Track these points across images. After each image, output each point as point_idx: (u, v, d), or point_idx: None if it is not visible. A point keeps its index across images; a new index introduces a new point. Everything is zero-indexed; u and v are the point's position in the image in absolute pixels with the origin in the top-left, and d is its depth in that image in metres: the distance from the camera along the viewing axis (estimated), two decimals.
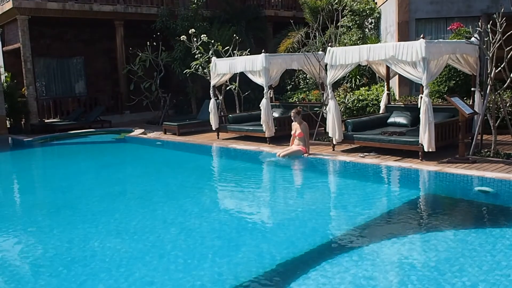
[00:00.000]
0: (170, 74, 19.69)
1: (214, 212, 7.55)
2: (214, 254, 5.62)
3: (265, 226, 6.78)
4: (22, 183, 11.25)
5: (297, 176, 9.92)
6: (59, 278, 5.18)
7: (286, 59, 12.64)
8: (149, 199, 8.36)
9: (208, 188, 9.16)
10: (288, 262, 5.19)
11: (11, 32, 19.04)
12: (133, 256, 5.70)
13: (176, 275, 5.05)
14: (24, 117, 18.22)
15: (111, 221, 7.20)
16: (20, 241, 6.71)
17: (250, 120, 13.40)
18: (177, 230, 6.61)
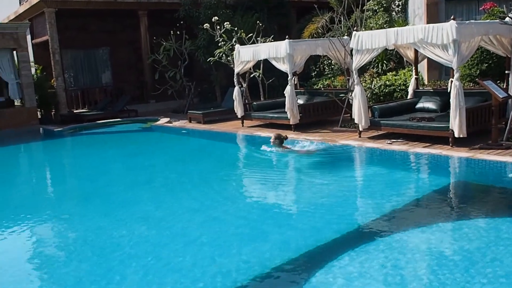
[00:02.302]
0: (194, 62, 19.70)
1: (240, 200, 7.56)
2: (240, 241, 5.63)
3: (290, 214, 6.76)
4: (54, 171, 11.50)
5: (322, 163, 9.84)
6: (89, 263, 5.28)
7: (310, 45, 12.51)
8: (175, 187, 8.42)
9: (233, 176, 9.17)
10: (314, 250, 5.16)
11: (39, 25, 19.32)
12: (160, 243, 5.76)
13: (203, 262, 5.07)
14: (53, 108, 18.54)
15: (138, 209, 7.28)
16: (53, 228, 6.87)
17: (275, 108, 13.34)
18: (203, 217, 6.63)
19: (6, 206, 8.23)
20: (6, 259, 5.60)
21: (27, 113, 17.42)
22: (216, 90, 19.55)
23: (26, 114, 17.39)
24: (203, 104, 19.15)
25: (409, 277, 4.43)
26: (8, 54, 17.35)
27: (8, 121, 16.89)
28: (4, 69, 17.23)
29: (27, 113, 17.42)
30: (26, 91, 17.38)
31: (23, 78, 17.34)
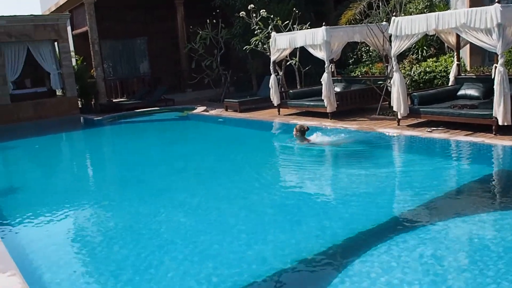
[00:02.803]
0: (230, 51, 19.73)
1: (276, 188, 7.55)
2: (276, 229, 5.63)
3: (327, 203, 6.71)
4: (94, 159, 11.78)
5: (360, 152, 9.71)
6: (128, 248, 5.37)
7: (347, 31, 12.32)
8: (212, 175, 8.48)
9: (269, 165, 9.15)
10: (351, 239, 5.11)
11: (79, 16, 19.70)
12: (198, 229, 5.82)
13: (239, 248, 5.10)
14: (93, 97, 18.93)
15: (176, 196, 7.37)
16: (93, 214, 7.02)
17: (311, 95, 13.23)
18: (239, 205, 6.66)
19: (49, 192, 8.49)
20: (49, 244, 5.77)
21: (68, 102, 17.86)
22: (252, 78, 19.54)
23: (67, 104, 17.83)
24: (239, 92, 19.17)
25: (449, 268, 4.33)
26: (50, 45, 17.77)
27: (51, 110, 17.36)
28: (46, 60, 17.66)
29: (68, 102, 17.86)
30: (67, 81, 17.79)
31: (64, 68, 17.75)
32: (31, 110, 17.08)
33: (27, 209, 7.26)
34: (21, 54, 17.17)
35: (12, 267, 4.30)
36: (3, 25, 16.49)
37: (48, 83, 18.50)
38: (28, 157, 12.36)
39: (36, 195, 8.22)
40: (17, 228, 6.36)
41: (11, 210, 7.20)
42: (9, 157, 12.63)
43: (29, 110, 17.04)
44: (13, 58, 17.05)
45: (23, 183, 9.23)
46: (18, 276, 4.11)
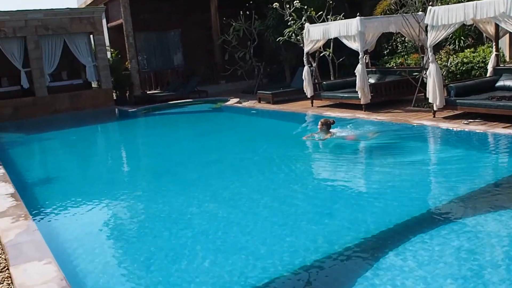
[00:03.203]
0: (264, 42, 19.69)
1: (308, 180, 7.52)
2: (308, 221, 5.61)
3: (360, 195, 6.64)
4: (128, 150, 11.98)
5: (394, 144, 9.58)
6: (162, 239, 5.45)
7: (382, 22, 12.12)
8: (244, 167, 8.50)
9: (302, 157, 9.11)
10: (384, 232, 5.05)
11: (114, 9, 19.96)
12: (229, 221, 5.84)
13: (270, 240, 5.10)
14: (128, 89, 19.20)
15: (208, 187, 7.42)
16: (127, 204, 7.14)
17: (345, 87, 13.10)
18: (272, 197, 6.66)
19: (85, 182, 8.67)
20: (84, 233, 5.89)
21: (104, 94, 18.17)
22: (286, 70, 19.47)
23: (102, 96, 18.14)
24: (272, 84, 19.14)
25: (485, 263, 4.23)
26: (85, 38, 18.09)
27: (86, 102, 17.70)
28: (81, 53, 17.98)
29: (103, 94, 18.17)
30: (102, 74, 18.09)
31: (99, 61, 18.04)
32: (67, 102, 17.45)
33: (63, 198, 7.44)
34: (57, 46, 17.54)
35: (48, 256, 4.41)
36: (41, 18, 16.86)
37: (84, 75, 18.85)
38: (64, 148, 12.64)
39: (72, 185, 8.41)
40: (53, 217, 6.52)
41: (47, 199, 7.38)
42: (46, 148, 12.95)
43: (65, 102, 17.41)
44: (50, 50, 17.44)
45: (59, 173, 9.45)
46: (54, 264, 4.21)
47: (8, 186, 7.14)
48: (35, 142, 13.59)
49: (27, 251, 4.57)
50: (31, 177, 9.10)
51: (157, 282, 4.41)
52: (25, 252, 4.55)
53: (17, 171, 9.19)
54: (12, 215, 5.71)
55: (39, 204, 7.05)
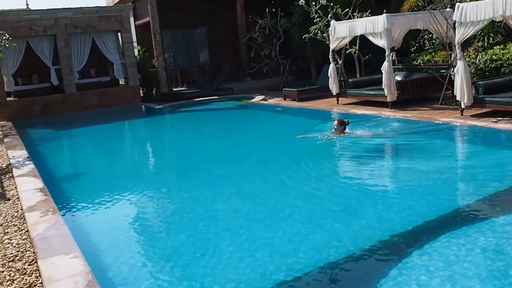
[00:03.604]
0: (289, 40, 19.64)
1: (333, 178, 7.49)
2: (333, 219, 5.60)
3: (385, 194, 6.58)
4: (155, 146, 12.11)
5: (421, 141, 9.47)
6: (186, 234, 5.51)
7: (409, 18, 11.97)
8: (269, 164, 8.51)
9: (327, 154, 9.08)
10: (410, 231, 5.00)
11: (141, 7, 20.16)
12: (253, 218, 5.87)
13: (294, 238, 5.11)
14: (154, 86, 19.38)
15: (233, 184, 7.46)
16: (153, 200, 7.23)
17: (371, 84, 13.00)
18: (296, 194, 6.66)
19: (112, 178, 8.80)
20: (110, 228, 5.99)
21: (131, 91, 18.39)
22: (311, 67, 19.40)
23: (130, 93, 18.37)
24: (298, 81, 19.10)
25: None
26: (113, 35, 18.33)
27: (114, 99, 17.94)
28: (109, 50, 18.23)
29: (130, 91, 18.39)
30: (130, 71, 18.31)
31: (127, 58, 18.26)
32: (95, 98, 17.71)
33: (90, 193, 7.58)
34: (86, 44, 17.81)
35: (75, 250, 4.49)
36: (70, 16, 17.14)
37: (112, 73, 19.10)
38: (92, 144, 12.85)
39: (99, 181, 8.55)
40: (80, 212, 6.64)
41: (75, 194, 7.52)
42: (75, 143, 13.19)
43: (93, 99, 17.68)
44: (79, 48, 17.72)
45: (87, 169, 9.61)
46: (80, 258, 4.28)
47: (37, 181, 7.28)
48: (64, 138, 13.85)
49: (55, 245, 4.67)
50: (60, 172, 9.27)
51: (181, 278, 4.46)
52: (53, 246, 4.64)
53: (46, 167, 9.38)
54: (40, 209, 5.83)
55: (67, 199, 7.19)
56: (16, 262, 4.49)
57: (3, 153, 10.23)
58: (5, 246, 4.91)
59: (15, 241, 5.02)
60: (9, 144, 11.18)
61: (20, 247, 4.83)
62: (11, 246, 4.89)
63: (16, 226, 5.47)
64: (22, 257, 4.58)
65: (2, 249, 4.82)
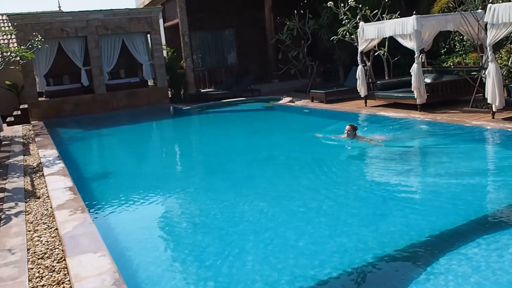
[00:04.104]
0: (317, 41, 19.56)
1: (360, 180, 7.43)
2: (359, 222, 5.54)
3: (413, 197, 6.50)
4: (182, 147, 12.21)
5: (451, 145, 9.32)
6: (212, 235, 5.53)
7: (440, 20, 11.80)
8: (296, 165, 8.49)
9: (354, 157, 9.01)
10: (438, 235, 4.92)
11: (170, 9, 20.37)
12: (279, 220, 5.85)
13: (320, 240, 5.08)
14: (182, 87, 19.54)
15: (260, 185, 7.46)
16: (180, 200, 7.29)
17: (400, 87, 12.84)
18: (322, 196, 6.62)
19: (139, 177, 8.89)
20: (137, 227, 6.05)
21: (159, 92, 18.58)
22: (339, 69, 19.28)
23: (158, 93, 18.56)
24: (325, 83, 19.00)
25: None
26: (143, 37, 18.55)
27: (143, 99, 18.16)
28: (139, 51, 18.46)
29: (159, 92, 18.58)
30: (158, 72, 18.50)
31: (155, 59, 18.46)
32: (124, 99, 17.95)
33: (118, 193, 7.67)
34: (116, 45, 18.08)
35: (102, 248, 4.55)
36: (101, 18, 17.42)
37: (141, 74, 19.34)
38: (121, 144, 13.02)
39: (127, 180, 8.65)
40: (108, 211, 6.74)
41: (103, 193, 7.63)
42: (104, 143, 13.39)
43: (122, 99, 17.92)
44: (109, 49, 18.00)
45: (115, 168, 9.74)
46: (108, 257, 4.34)
47: (67, 180, 7.41)
48: (93, 137, 14.07)
49: (83, 243, 4.74)
50: (88, 171, 9.42)
51: (206, 278, 4.47)
52: (81, 244, 4.72)
53: (75, 165, 9.54)
54: (70, 208, 5.93)
55: (95, 197, 7.30)
56: (45, 259, 4.57)
57: (35, 152, 10.45)
58: (34, 243, 5.01)
59: (44, 238, 5.11)
60: (40, 143, 11.41)
61: (49, 245, 4.91)
62: (40, 243, 4.99)
63: (46, 224, 5.58)
64: (51, 255, 4.66)
65: (32, 247, 4.92)
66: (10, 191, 7.31)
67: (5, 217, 5.97)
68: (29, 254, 4.73)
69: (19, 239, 5.13)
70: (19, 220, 5.80)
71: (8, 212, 6.20)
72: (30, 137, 12.98)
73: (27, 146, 11.49)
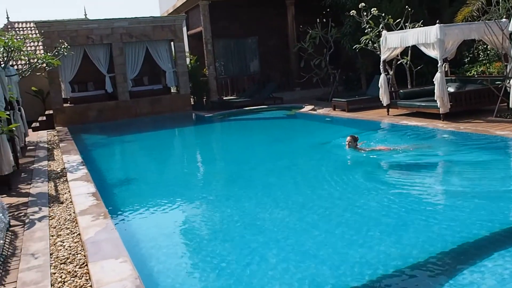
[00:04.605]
0: (340, 50, 19.55)
1: (382, 190, 7.35)
2: (381, 232, 5.49)
3: (436, 208, 6.41)
4: (204, 154, 12.27)
5: (475, 155, 9.19)
6: (232, 243, 5.54)
7: (463, 29, 11.67)
8: (317, 174, 8.46)
9: (377, 165, 8.94)
10: (461, 247, 4.86)
11: (194, 17, 20.56)
12: (301, 228, 5.83)
13: (342, 250, 5.05)
14: (205, 95, 19.67)
15: (281, 193, 7.45)
16: (201, 207, 7.32)
17: (422, 96, 12.73)
18: (344, 206, 6.58)
19: (161, 184, 8.96)
20: (158, 234, 6.09)
21: (182, 99, 18.75)
22: (361, 77, 19.22)
23: (181, 101, 18.73)
24: (347, 92, 18.95)
25: None
26: (166, 45, 18.77)
27: (165, 106, 18.35)
28: (162, 59, 18.66)
29: (181, 99, 18.75)
30: (181, 79, 18.68)
31: (179, 67, 18.64)
32: (147, 106, 18.15)
33: (139, 199, 7.74)
34: (140, 53, 18.32)
35: (124, 254, 4.60)
36: (126, 26, 17.68)
37: (164, 81, 19.53)
38: (143, 150, 13.14)
39: (148, 187, 8.72)
40: (130, 217, 6.80)
41: (125, 199, 7.71)
42: (126, 149, 13.53)
43: (146, 106, 18.12)
44: (133, 57, 18.25)
45: (137, 174, 9.83)
46: (129, 263, 4.38)
47: (90, 186, 7.51)
48: (116, 143, 14.23)
49: (105, 249, 4.79)
50: (111, 177, 9.52)
51: (227, 286, 4.48)
52: (103, 250, 4.77)
53: (98, 171, 9.66)
54: (92, 213, 6.01)
55: (117, 203, 7.38)
56: (67, 264, 4.64)
57: (59, 158, 10.62)
58: (57, 248, 5.08)
59: (67, 243, 5.19)
60: (64, 149, 11.60)
61: (72, 250, 4.98)
62: (63, 248, 5.06)
63: (69, 229, 5.66)
64: (73, 260, 4.73)
65: (55, 251, 4.99)
66: (34, 195, 7.44)
67: (29, 222, 6.07)
68: (52, 258, 4.80)
69: (42, 244, 5.21)
70: (42, 225, 5.90)
71: (32, 216, 6.31)
72: (54, 143, 13.19)
73: (52, 152, 11.68)
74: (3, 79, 9.58)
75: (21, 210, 6.65)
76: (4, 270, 4.60)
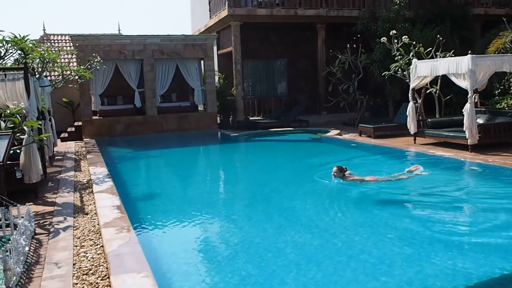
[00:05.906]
0: (368, 76, 19.54)
1: (407, 218, 7.27)
2: (404, 262, 5.42)
3: (462, 239, 6.29)
4: (227, 173, 12.29)
5: (504, 188, 9.02)
6: (253, 264, 5.51)
7: (495, 60, 11.58)
8: (342, 199, 8.39)
9: (401, 193, 8.84)
10: (486, 282, 4.76)
11: (225, 37, 20.85)
12: (322, 253, 5.79)
13: (363, 278, 4.99)
14: (231, 114, 19.82)
15: (303, 216, 7.42)
16: (222, 227, 7.32)
17: (450, 126, 12.61)
18: (367, 233, 6.51)
19: (184, 201, 9.00)
20: (180, 250, 6.11)
21: (209, 117, 18.92)
22: (389, 104, 19.15)
23: (207, 119, 18.90)
24: (374, 118, 18.86)
25: None
26: (196, 63, 19.03)
27: (192, 124, 18.54)
28: (191, 77, 18.92)
29: (208, 117, 18.93)
30: (209, 98, 18.88)
31: (207, 85, 18.86)
32: (174, 122, 18.36)
33: (163, 214, 7.78)
34: (170, 70, 18.62)
35: (146, 269, 4.63)
36: (158, 43, 18.00)
37: (192, 98, 19.76)
38: (168, 166, 13.25)
39: (172, 202, 8.78)
40: (152, 231, 6.84)
41: (149, 214, 7.75)
42: (152, 164, 13.66)
43: (173, 122, 18.33)
44: (163, 73, 18.54)
45: (161, 190, 9.91)
46: (151, 278, 4.40)
47: (115, 199, 7.60)
48: (142, 158, 14.38)
49: (127, 262, 4.83)
50: (136, 191, 9.61)
51: None
52: (125, 263, 4.81)
53: (123, 184, 9.77)
54: (116, 226, 6.07)
55: (141, 217, 7.43)
56: (89, 275, 4.68)
57: (85, 169, 10.78)
58: (80, 259, 5.14)
59: (90, 255, 5.24)
60: (91, 160, 11.77)
61: (95, 261, 5.03)
62: (86, 259, 5.11)
63: (92, 241, 5.72)
64: (95, 271, 4.77)
65: (78, 262, 5.05)
66: (60, 205, 7.56)
67: (53, 231, 6.16)
68: (75, 269, 4.85)
69: (66, 254, 5.28)
70: (66, 235, 5.98)
71: (57, 226, 6.40)
72: (82, 154, 13.41)
73: (79, 163, 11.87)
74: (37, 89, 9.83)
75: (46, 219, 6.76)
76: (28, 277, 4.67)
